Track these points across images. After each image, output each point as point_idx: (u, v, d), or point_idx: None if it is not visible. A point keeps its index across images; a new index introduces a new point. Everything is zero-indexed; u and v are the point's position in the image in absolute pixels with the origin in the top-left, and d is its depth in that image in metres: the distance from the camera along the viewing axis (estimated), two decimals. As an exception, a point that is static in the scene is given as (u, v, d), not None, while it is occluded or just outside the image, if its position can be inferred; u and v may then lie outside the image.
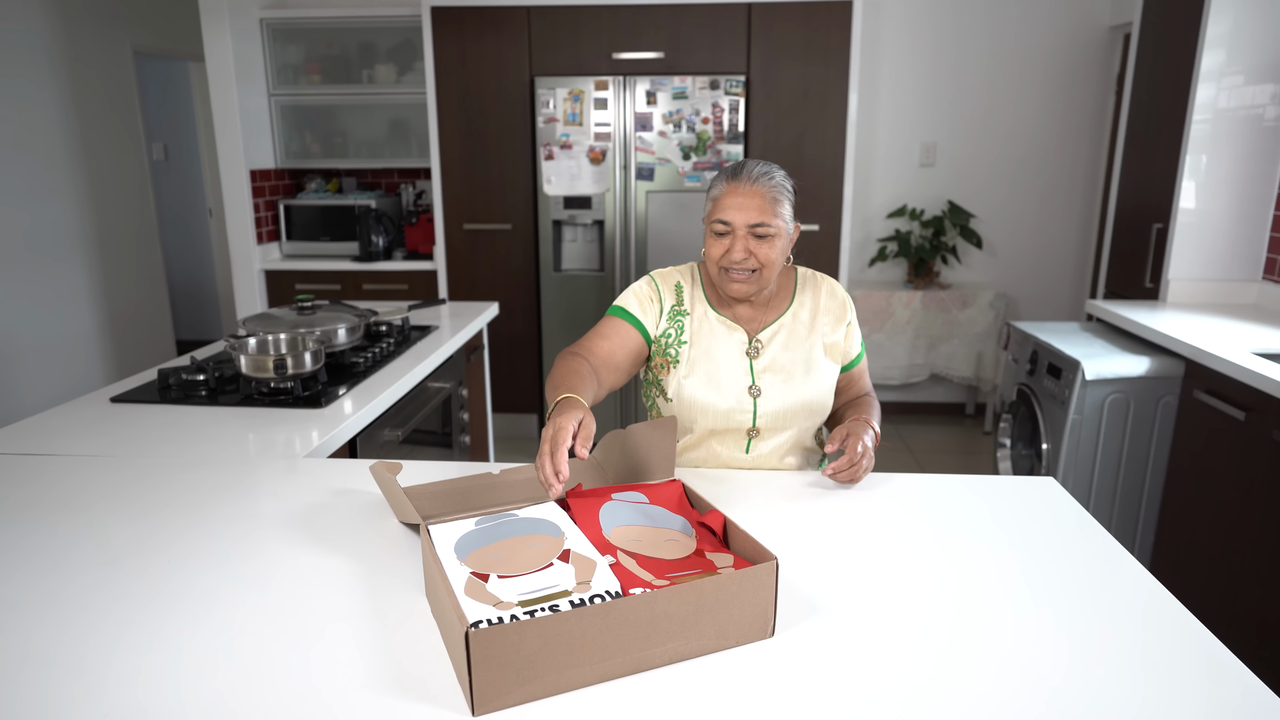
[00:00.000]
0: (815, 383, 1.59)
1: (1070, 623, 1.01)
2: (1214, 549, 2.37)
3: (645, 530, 1.09)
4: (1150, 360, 2.56)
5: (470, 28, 3.85)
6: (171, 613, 1.03)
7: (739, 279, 1.54)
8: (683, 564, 1.02)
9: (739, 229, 1.50)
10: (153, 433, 1.71)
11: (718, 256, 1.53)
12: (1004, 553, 1.20)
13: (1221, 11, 2.83)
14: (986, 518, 1.31)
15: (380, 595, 1.07)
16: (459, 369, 2.72)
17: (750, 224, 1.49)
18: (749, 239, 1.50)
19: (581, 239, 4.05)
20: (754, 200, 1.49)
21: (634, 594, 0.90)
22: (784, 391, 1.57)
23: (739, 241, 1.50)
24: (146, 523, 1.28)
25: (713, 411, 1.56)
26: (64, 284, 4.33)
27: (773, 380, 1.57)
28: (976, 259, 4.53)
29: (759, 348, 1.59)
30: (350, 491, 1.41)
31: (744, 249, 1.50)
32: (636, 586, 0.94)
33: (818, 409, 1.61)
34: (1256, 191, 2.97)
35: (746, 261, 1.51)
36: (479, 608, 0.88)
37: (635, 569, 1.00)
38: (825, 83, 3.82)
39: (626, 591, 0.94)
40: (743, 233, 1.50)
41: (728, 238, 1.52)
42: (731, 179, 1.52)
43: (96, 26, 4.51)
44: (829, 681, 0.90)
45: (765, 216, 1.49)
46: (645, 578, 0.97)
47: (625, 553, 1.04)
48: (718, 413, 1.56)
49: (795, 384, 1.57)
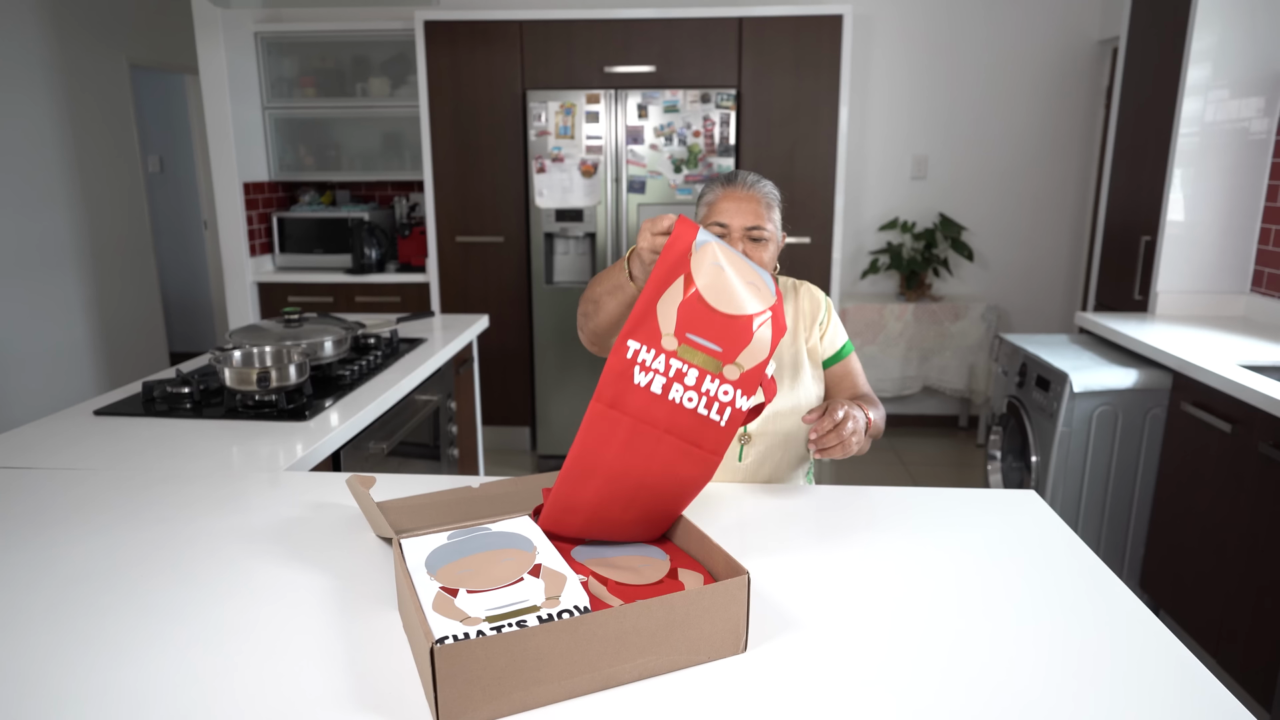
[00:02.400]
0: (804, 388, 1.61)
1: (1047, 636, 1.01)
2: (1203, 562, 2.36)
3: (618, 557, 1.09)
4: (1138, 373, 2.56)
5: (463, 41, 3.87)
6: (138, 628, 1.02)
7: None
8: (654, 589, 1.01)
9: (735, 231, 1.52)
10: (134, 446, 1.71)
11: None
12: (982, 566, 1.19)
13: (1207, 26, 2.85)
14: (966, 531, 1.31)
15: (352, 610, 1.06)
16: (448, 381, 2.72)
17: (746, 226, 1.51)
18: (744, 241, 1.52)
19: (573, 251, 4.06)
20: (749, 205, 1.52)
21: (603, 609, 0.90)
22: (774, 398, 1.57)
23: (735, 244, 1.52)
24: (118, 537, 1.28)
25: None
26: (57, 295, 4.32)
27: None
28: (968, 271, 4.54)
29: None
30: (328, 505, 1.40)
31: (740, 250, 1.51)
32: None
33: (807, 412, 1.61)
34: (1243, 204, 2.98)
35: None
36: (446, 623, 0.87)
37: (605, 595, 0.99)
38: (816, 96, 3.83)
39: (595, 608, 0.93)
40: (739, 235, 1.52)
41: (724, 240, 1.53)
42: (727, 184, 1.55)
43: (92, 40, 4.53)
44: (801, 697, 0.90)
45: (760, 220, 1.52)
46: (614, 602, 0.97)
47: (596, 577, 1.04)
48: None
49: (783, 391, 1.58)
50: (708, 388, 1.03)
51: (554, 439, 4.19)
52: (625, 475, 1.04)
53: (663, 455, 1.03)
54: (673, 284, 1.03)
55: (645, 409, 1.02)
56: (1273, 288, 2.92)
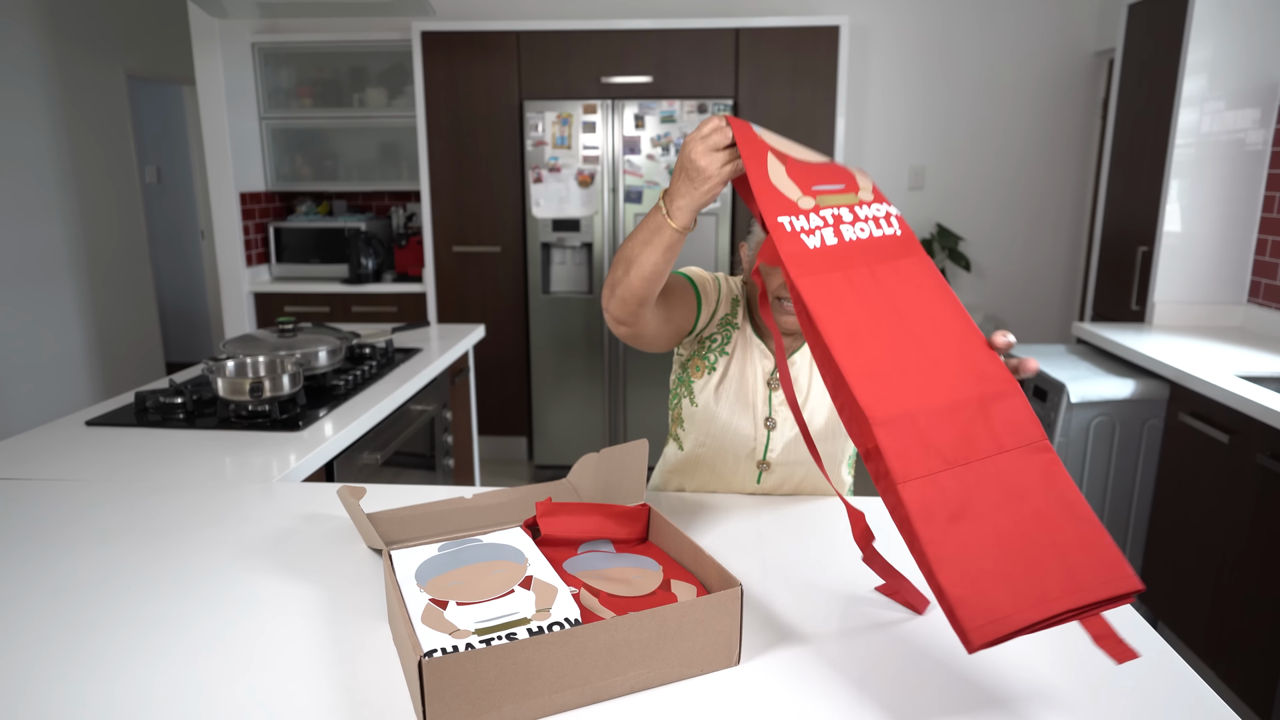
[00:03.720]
0: (831, 411, 1.53)
1: (1038, 647, 1.00)
2: (1201, 572, 2.35)
3: (611, 568, 1.08)
4: (1135, 383, 2.55)
5: (460, 52, 3.88)
6: (127, 641, 1.01)
7: (796, 310, 1.47)
8: (646, 600, 1.00)
9: None
10: (125, 456, 1.70)
11: (775, 287, 1.44)
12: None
13: (1202, 38, 2.86)
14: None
15: (342, 622, 1.05)
16: (443, 391, 2.71)
17: None
18: None
19: (570, 261, 4.06)
20: None
21: (594, 621, 0.89)
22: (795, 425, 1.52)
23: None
24: (109, 549, 1.26)
25: (732, 432, 1.52)
26: (53, 306, 4.32)
27: (788, 415, 1.52)
28: (966, 281, 4.54)
29: (777, 380, 1.53)
30: (320, 516, 1.39)
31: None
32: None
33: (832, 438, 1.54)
34: (1240, 215, 2.99)
35: None
36: (435, 636, 0.86)
37: (597, 607, 0.98)
38: (813, 106, 3.84)
39: (587, 620, 0.92)
40: None
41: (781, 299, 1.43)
42: None
43: (89, 51, 4.53)
44: (796, 710, 0.89)
45: None
46: (606, 614, 0.96)
47: (589, 589, 1.02)
48: (736, 435, 1.53)
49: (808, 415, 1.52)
50: (864, 213, 1.05)
51: (551, 449, 4.17)
52: (885, 316, 0.97)
53: (887, 283, 1.00)
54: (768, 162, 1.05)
55: (839, 259, 1.00)
56: (1269, 298, 2.92)
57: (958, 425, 0.87)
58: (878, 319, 0.95)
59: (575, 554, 1.13)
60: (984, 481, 0.85)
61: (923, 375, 0.91)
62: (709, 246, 3.90)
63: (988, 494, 0.84)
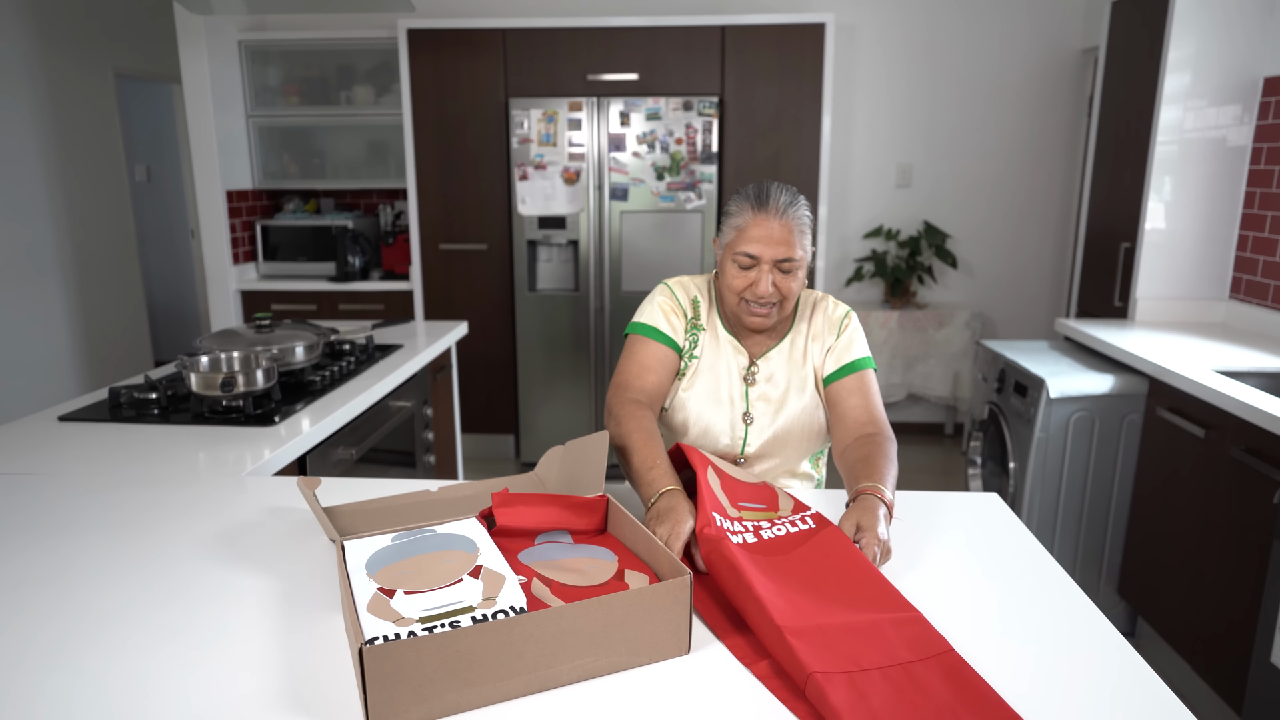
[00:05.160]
0: (806, 412, 1.54)
1: (1000, 633, 1.00)
2: (1179, 565, 2.36)
3: (567, 559, 1.08)
4: (1115, 378, 2.56)
5: (446, 49, 3.88)
6: (77, 633, 1.01)
7: (760, 312, 1.46)
8: (598, 590, 1.01)
9: (765, 263, 1.42)
10: (97, 451, 1.69)
11: (740, 289, 1.45)
12: (942, 568, 1.18)
13: (1184, 35, 2.87)
14: (925, 533, 1.30)
15: (296, 613, 1.05)
16: (424, 388, 2.71)
17: (778, 259, 1.41)
18: (774, 272, 1.43)
19: (556, 259, 4.06)
20: (782, 234, 1.41)
21: (539, 609, 0.89)
22: (774, 420, 1.53)
23: (764, 275, 1.42)
24: (68, 542, 1.26)
25: (706, 429, 1.53)
26: (42, 304, 4.31)
27: (765, 409, 1.53)
28: (953, 279, 4.55)
29: (754, 375, 1.54)
30: (285, 509, 1.39)
31: (769, 283, 1.42)
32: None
33: (808, 437, 1.55)
34: (1222, 211, 2.99)
35: (772, 295, 1.44)
36: (378, 623, 0.86)
37: (547, 596, 0.99)
38: (799, 104, 3.84)
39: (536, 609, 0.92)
40: (768, 267, 1.42)
41: (752, 270, 1.44)
42: (758, 208, 1.43)
43: (77, 49, 4.53)
44: (745, 698, 0.89)
45: (791, 251, 1.41)
46: (555, 604, 0.96)
47: (541, 579, 1.03)
48: (711, 431, 1.53)
49: (786, 412, 1.53)
50: (781, 522, 1.25)
51: (538, 447, 4.17)
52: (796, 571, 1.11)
53: (802, 555, 1.16)
54: (708, 477, 1.28)
55: (758, 548, 1.17)
56: (1251, 294, 2.93)
57: (867, 638, 0.96)
58: (788, 575, 1.08)
59: (533, 545, 1.13)
60: (892, 682, 0.90)
61: (834, 603, 1.03)
62: (694, 242, 3.90)
63: (899, 693, 0.88)
